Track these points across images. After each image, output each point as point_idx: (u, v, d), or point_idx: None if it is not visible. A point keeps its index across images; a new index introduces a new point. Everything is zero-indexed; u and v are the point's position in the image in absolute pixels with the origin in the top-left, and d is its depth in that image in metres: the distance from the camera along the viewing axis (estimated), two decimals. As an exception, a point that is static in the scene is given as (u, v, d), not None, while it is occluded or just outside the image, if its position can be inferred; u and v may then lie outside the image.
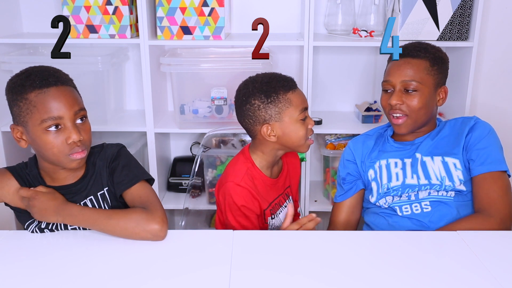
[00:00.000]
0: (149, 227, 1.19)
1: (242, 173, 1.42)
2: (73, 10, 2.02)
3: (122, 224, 1.20)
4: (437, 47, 1.55)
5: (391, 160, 1.54)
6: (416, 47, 1.52)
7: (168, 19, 2.02)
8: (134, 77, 2.36)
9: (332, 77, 2.36)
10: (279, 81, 1.41)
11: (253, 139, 1.48)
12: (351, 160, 1.61)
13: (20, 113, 1.22)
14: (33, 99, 1.20)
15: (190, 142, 2.44)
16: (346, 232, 1.39)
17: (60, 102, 1.21)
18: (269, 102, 1.38)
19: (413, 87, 1.47)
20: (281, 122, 1.40)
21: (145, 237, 1.20)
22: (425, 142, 1.53)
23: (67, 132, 1.22)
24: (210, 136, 1.96)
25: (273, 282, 1.06)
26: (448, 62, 1.57)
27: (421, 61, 1.49)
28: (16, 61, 2.05)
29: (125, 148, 1.39)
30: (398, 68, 1.50)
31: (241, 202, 1.39)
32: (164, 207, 2.33)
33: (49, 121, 1.20)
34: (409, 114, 1.48)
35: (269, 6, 2.26)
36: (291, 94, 1.40)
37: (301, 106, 1.41)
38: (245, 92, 1.42)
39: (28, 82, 1.21)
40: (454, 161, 1.46)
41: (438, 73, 1.50)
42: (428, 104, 1.49)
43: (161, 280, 1.07)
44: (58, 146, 1.22)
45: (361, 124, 2.19)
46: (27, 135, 1.24)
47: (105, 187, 1.33)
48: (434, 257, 1.16)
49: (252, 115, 1.41)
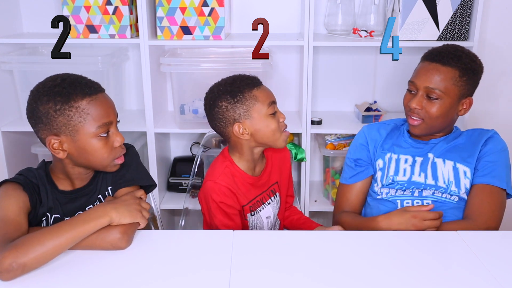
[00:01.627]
0: (109, 237, 1.15)
1: (220, 171, 1.45)
2: (73, 10, 2.02)
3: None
4: (472, 56, 1.49)
5: (402, 156, 1.53)
6: (450, 53, 1.47)
7: (168, 19, 2.02)
8: (134, 77, 2.36)
9: (332, 77, 2.36)
10: (242, 80, 1.45)
11: (228, 142, 1.50)
12: (364, 144, 1.60)
13: (69, 122, 1.19)
14: (85, 106, 1.19)
15: (190, 142, 2.44)
16: (346, 232, 1.39)
17: (109, 108, 1.24)
18: (236, 101, 1.41)
19: (436, 95, 1.44)
20: (251, 119, 1.42)
21: (105, 247, 1.16)
22: (440, 144, 1.52)
23: (114, 136, 1.25)
24: (210, 136, 1.96)
25: (273, 282, 1.06)
26: (481, 73, 1.50)
27: (450, 70, 1.44)
28: (16, 61, 2.05)
29: (133, 148, 1.40)
30: (425, 73, 1.47)
31: (219, 199, 1.41)
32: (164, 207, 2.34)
33: (103, 127, 1.21)
34: (425, 120, 1.48)
35: (269, 6, 2.26)
36: (256, 90, 1.43)
37: (268, 101, 1.43)
38: (211, 96, 1.46)
39: (76, 90, 1.19)
40: (465, 169, 1.46)
41: (466, 84, 1.45)
42: (447, 114, 1.47)
43: (161, 280, 1.07)
44: (108, 151, 1.24)
45: (361, 124, 2.19)
46: (73, 144, 1.21)
47: (109, 186, 1.33)
48: (434, 257, 1.16)
49: (221, 117, 1.44)
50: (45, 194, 1.26)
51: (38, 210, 1.25)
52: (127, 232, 1.17)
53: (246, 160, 1.48)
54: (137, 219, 1.19)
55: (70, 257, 1.14)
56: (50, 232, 1.09)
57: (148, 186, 1.35)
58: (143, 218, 1.21)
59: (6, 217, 1.15)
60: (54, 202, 1.28)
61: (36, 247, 1.06)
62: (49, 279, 1.07)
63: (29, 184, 1.24)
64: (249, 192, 1.48)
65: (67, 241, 1.10)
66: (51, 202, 1.27)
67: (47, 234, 1.08)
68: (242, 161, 1.48)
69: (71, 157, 1.24)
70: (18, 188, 1.22)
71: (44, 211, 1.26)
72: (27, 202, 1.21)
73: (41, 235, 1.08)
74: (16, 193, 1.21)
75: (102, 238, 1.15)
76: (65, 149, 1.22)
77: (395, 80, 2.33)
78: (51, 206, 1.28)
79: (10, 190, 1.21)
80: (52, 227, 1.11)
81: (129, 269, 1.11)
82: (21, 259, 1.04)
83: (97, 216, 1.14)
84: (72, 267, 1.11)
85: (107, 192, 1.33)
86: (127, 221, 1.17)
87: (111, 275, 1.09)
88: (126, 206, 1.19)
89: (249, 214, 1.49)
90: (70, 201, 1.30)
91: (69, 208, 1.29)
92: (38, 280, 1.06)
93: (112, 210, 1.16)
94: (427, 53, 1.52)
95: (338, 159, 2.24)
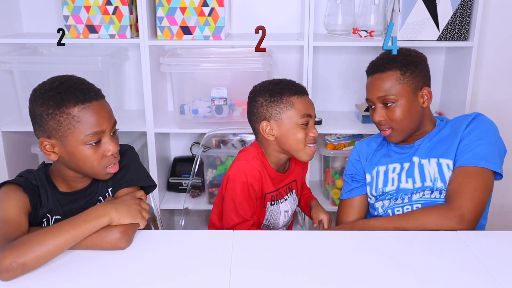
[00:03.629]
0: (108, 237, 1.16)
1: (253, 155, 1.47)
2: (73, 10, 2.02)
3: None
4: (406, 52, 1.50)
5: (391, 165, 1.54)
6: (383, 59, 1.50)
7: (168, 19, 2.02)
8: (134, 77, 2.36)
9: (332, 77, 2.36)
10: (287, 84, 1.48)
11: (256, 137, 1.55)
12: (357, 159, 1.62)
13: (59, 128, 1.18)
14: (76, 114, 1.18)
15: (190, 142, 2.44)
16: (346, 232, 1.39)
17: (103, 117, 1.22)
18: (272, 101, 1.44)
19: (391, 101, 1.46)
20: (279, 122, 1.44)
21: (104, 247, 1.16)
22: (423, 144, 1.51)
23: (106, 145, 1.23)
24: (210, 136, 1.96)
25: (273, 282, 1.06)
26: (423, 62, 1.51)
27: (391, 73, 1.46)
28: (16, 61, 2.05)
29: (132, 149, 1.39)
30: (372, 86, 1.51)
31: (248, 179, 1.43)
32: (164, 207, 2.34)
33: (92, 136, 1.20)
34: (393, 127, 1.48)
35: (269, 6, 2.26)
36: (296, 98, 1.45)
37: (304, 112, 1.44)
38: (254, 90, 1.51)
39: (69, 96, 1.18)
40: (448, 161, 1.44)
41: (412, 78, 1.46)
42: (410, 112, 1.47)
43: (161, 281, 1.07)
44: (98, 159, 1.22)
45: (361, 124, 2.19)
46: (63, 148, 1.21)
47: (109, 187, 1.34)
48: (434, 257, 1.16)
49: (255, 111, 1.48)
50: (45, 195, 1.27)
51: (39, 212, 1.25)
52: (127, 232, 1.17)
53: (271, 161, 1.51)
54: (137, 219, 1.19)
55: (70, 257, 1.14)
56: (50, 232, 1.09)
57: (148, 187, 1.35)
58: (143, 218, 1.21)
59: (6, 217, 1.15)
60: (54, 204, 1.28)
61: (36, 247, 1.06)
62: (49, 279, 1.07)
63: (29, 185, 1.24)
64: (272, 183, 1.51)
65: (67, 241, 1.10)
66: (51, 204, 1.27)
67: (47, 234, 1.08)
68: (269, 159, 1.51)
69: (63, 160, 1.24)
70: (18, 189, 1.22)
71: (45, 213, 1.26)
72: (27, 203, 1.21)
73: (41, 235, 1.08)
74: (16, 194, 1.21)
75: (102, 238, 1.15)
76: (56, 152, 1.22)
77: (395, 80, 2.33)
78: (52, 208, 1.28)
79: (10, 192, 1.21)
80: (52, 227, 1.11)
81: (129, 269, 1.11)
82: (21, 259, 1.04)
83: (97, 216, 1.14)
84: (72, 267, 1.11)
85: (107, 194, 1.33)
86: (126, 221, 1.17)
87: (111, 275, 1.09)
88: (126, 206, 1.19)
89: (270, 203, 1.51)
90: (70, 202, 1.30)
91: (70, 209, 1.29)
92: (38, 280, 1.06)
93: (112, 210, 1.16)
94: (367, 68, 1.56)
95: (338, 159, 2.24)
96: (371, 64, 1.54)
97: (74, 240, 1.11)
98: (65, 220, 1.15)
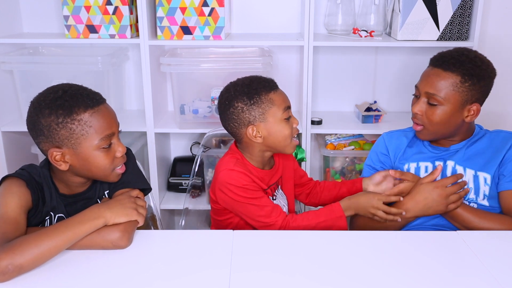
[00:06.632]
0: (109, 236, 1.16)
1: (233, 162, 1.44)
2: (73, 10, 2.02)
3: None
4: (478, 61, 1.43)
5: (422, 163, 1.52)
6: (453, 58, 1.42)
7: (168, 19, 2.02)
8: (134, 77, 2.36)
9: (332, 77, 2.36)
10: (260, 82, 1.44)
11: (239, 143, 1.50)
12: (385, 153, 1.60)
13: (71, 135, 1.18)
14: (88, 119, 1.18)
15: (190, 142, 2.44)
16: (346, 232, 1.39)
17: (112, 119, 1.24)
18: (252, 103, 1.41)
19: (436, 101, 1.41)
20: (265, 123, 1.42)
21: (105, 246, 1.16)
22: (461, 151, 1.48)
23: (116, 146, 1.24)
24: (210, 136, 1.96)
25: (273, 282, 1.06)
26: (489, 79, 1.45)
27: (451, 75, 1.40)
28: (16, 61, 2.05)
29: (130, 151, 1.39)
30: (427, 78, 1.44)
31: (241, 183, 1.40)
32: (164, 207, 2.34)
33: (105, 140, 1.21)
34: (426, 126, 1.46)
35: (269, 6, 2.26)
36: (273, 94, 1.43)
37: (284, 105, 1.43)
38: (228, 96, 1.44)
39: (77, 102, 1.18)
40: (486, 175, 1.43)
41: (469, 90, 1.40)
42: (448, 121, 1.43)
43: (161, 280, 1.07)
44: (110, 162, 1.23)
45: (361, 124, 2.19)
46: (75, 156, 1.20)
47: (105, 190, 1.34)
48: (434, 257, 1.16)
49: (236, 118, 1.43)
50: (49, 194, 1.26)
51: (41, 209, 1.25)
52: (127, 230, 1.18)
53: (256, 161, 1.49)
54: (133, 217, 1.19)
55: (69, 256, 1.14)
56: (46, 234, 1.09)
57: (143, 190, 1.35)
58: (140, 215, 1.21)
59: (6, 215, 1.15)
60: (57, 202, 1.28)
61: (32, 249, 1.06)
62: (49, 278, 1.07)
63: (33, 182, 1.23)
64: (262, 182, 1.48)
65: (63, 243, 1.10)
66: (54, 202, 1.27)
67: (43, 236, 1.09)
68: (252, 161, 1.49)
69: (72, 168, 1.23)
70: (22, 185, 1.21)
71: (48, 210, 1.26)
72: (29, 201, 1.21)
73: (37, 236, 1.08)
74: (19, 190, 1.20)
75: (103, 237, 1.15)
76: (67, 161, 1.21)
77: (395, 80, 2.33)
78: (55, 206, 1.28)
79: (14, 187, 1.20)
80: (48, 229, 1.11)
81: (129, 269, 1.11)
82: (18, 261, 1.04)
83: (92, 217, 1.15)
84: (71, 266, 1.11)
85: (104, 196, 1.34)
86: (122, 220, 1.17)
87: (111, 275, 1.09)
88: (121, 205, 1.20)
89: (271, 197, 1.50)
90: (69, 204, 1.30)
91: (71, 209, 1.29)
92: (38, 280, 1.06)
93: (106, 210, 1.17)
94: (433, 57, 1.49)
95: (338, 159, 2.24)
96: (439, 55, 1.46)
97: (70, 242, 1.12)
98: (61, 221, 1.15)
